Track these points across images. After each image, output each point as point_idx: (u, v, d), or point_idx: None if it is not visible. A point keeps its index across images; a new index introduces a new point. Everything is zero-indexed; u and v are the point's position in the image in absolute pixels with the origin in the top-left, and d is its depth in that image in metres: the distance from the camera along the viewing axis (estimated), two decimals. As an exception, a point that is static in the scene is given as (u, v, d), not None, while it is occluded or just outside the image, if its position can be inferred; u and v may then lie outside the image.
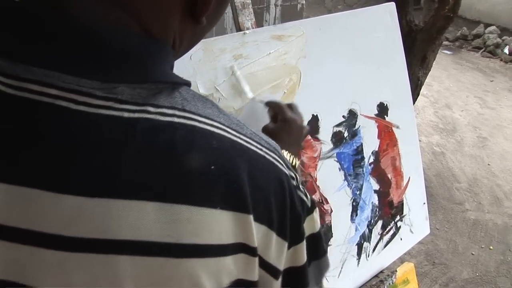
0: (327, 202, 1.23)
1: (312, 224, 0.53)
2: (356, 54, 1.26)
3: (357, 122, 1.29)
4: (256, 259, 0.45)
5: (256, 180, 0.44)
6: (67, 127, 0.37)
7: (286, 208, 0.47)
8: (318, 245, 0.55)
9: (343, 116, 1.25)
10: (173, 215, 0.39)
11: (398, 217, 1.49)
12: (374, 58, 1.32)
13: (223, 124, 0.44)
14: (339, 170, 1.26)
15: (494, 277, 2.77)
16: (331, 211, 1.24)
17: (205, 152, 0.41)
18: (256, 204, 0.43)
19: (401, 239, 1.51)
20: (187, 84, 0.46)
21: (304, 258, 0.51)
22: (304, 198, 0.51)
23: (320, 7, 7.07)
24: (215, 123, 0.43)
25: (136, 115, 0.39)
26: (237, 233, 0.42)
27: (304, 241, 0.50)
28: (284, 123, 0.89)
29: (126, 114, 0.38)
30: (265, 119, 0.95)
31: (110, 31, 0.40)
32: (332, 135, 1.22)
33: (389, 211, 1.45)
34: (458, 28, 7.07)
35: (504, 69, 6.22)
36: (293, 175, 0.50)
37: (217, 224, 0.41)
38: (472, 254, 2.95)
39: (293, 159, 0.83)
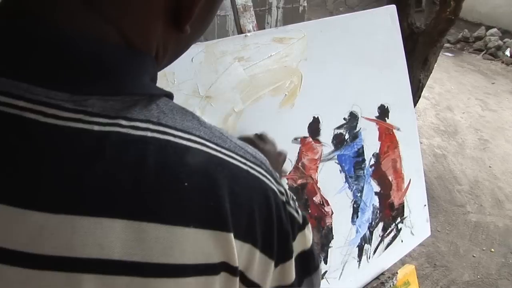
0: (328, 204, 1.23)
1: (303, 240, 0.51)
2: (357, 56, 1.27)
3: (358, 124, 1.29)
4: (237, 278, 0.43)
5: (237, 196, 0.42)
6: (35, 140, 0.36)
7: (273, 225, 0.45)
8: (310, 262, 0.53)
9: (344, 119, 1.25)
10: (141, 233, 0.37)
11: (399, 219, 1.49)
12: (375, 61, 1.32)
13: (203, 138, 0.42)
14: (340, 172, 1.26)
15: (495, 280, 2.77)
16: (332, 213, 1.25)
17: (178, 168, 0.39)
18: (238, 221, 0.41)
19: (402, 241, 1.51)
20: (168, 95, 0.44)
21: (292, 276, 0.49)
22: (295, 214, 0.49)
23: (321, 9, 7.08)
24: (192, 137, 0.41)
25: (107, 128, 0.37)
26: (216, 252, 0.40)
27: (293, 259, 0.49)
28: None
29: (96, 128, 0.37)
30: None
31: (82, 40, 0.38)
32: (333, 137, 1.22)
33: (390, 213, 1.45)
34: (459, 31, 7.07)
35: (505, 72, 6.22)
36: (282, 190, 0.48)
37: (191, 243, 0.39)
38: (473, 256, 2.95)
39: None
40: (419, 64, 3.12)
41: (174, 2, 0.42)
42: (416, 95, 3.10)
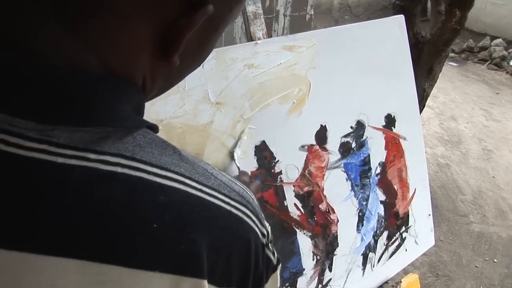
0: (334, 212, 1.24)
1: (274, 282, 0.49)
2: (365, 65, 1.28)
3: (364, 133, 1.30)
4: None
5: (215, 240, 0.39)
6: None
7: (250, 269, 0.43)
8: None
9: (351, 127, 1.26)
10: (99, 275, 0.34)
11: (403, 228, 1.49)
12: (382, 70, 1.33)
13: (181, 175, 0.39)
14: (346, 180, 1.27)
15: (498, 291, 2.76)
16: (338, 220, 1.25)
17: (147, 207, 0.36)
18: (213, 266, 0.39)
19: (406, 250, 1.51)
20: (151, 127, 0.41)
21: None
22: (271, 256, 0.47)
23: (327, 17, 7.09)
24: (169, 174, 0.38)
25: (73, 161, 0.34)
26: None
27: None
28: None
29: (60, 160, 0.34)
30: None
31: (52, 66, 0.35)
32: (340, 146, 1.23)
33: (395, 222, 1.45)
34: (464, 40, 7.08)
35: (510, 82, 6.21)
36: (265, 232, 0.46)
37: None
38: (476, 266, 2.94)
39: None
40: (423, 73, 3.13)
41: (161, 32, 0.39)
42: (421, 104, 3.10)
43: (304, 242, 1.18)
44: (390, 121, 1.37)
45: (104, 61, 0.37)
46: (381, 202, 1.39)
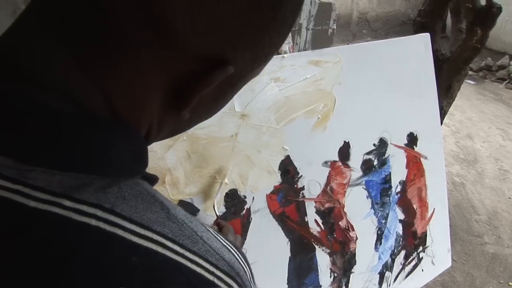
0: (353, 229, 1.23)
1: None
2: (389, 83, 1.27)
3: (387, 151, 1.29)
4: None
5: None
6: None
7: None
8: None
9: (374, 144, 1.25)
10: None
11: (421, 248, 1.48)
12: (406, 88, 1.33)
13: (163, 236, 0.35)
14: (367, 198, 1.25)
15: (511, 315, 2.71)
16: (356, 238, 1.24)
17: (117, 268, 0.32)
18: None
19: (422, 270, 1.49)
20: (149, 178, 0.39)
21: None
22: None
23: (345, 31, 7.10)
24: (149, 233, 0.34)
25: (45, 207, 0.31)
26: None
27: None
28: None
29: (32, 204, 0.31)
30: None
31: (43, 102, 0.33)
32: (362, 163, 1.22)
33: (413, 242, 1.44)
34: (482, 58, 7.04)
35: (528, 102, 6.16)
36: None
37: None
38: (490, 289, 2.90)
39: None
40: (442, 91, 3.10)
41: (175, 83, 0.37)
42: (439, 121, 3.08)
43: (323, 258, 1.17)
44: (412, 139, 1.36)
45: (110, 102, 0.35)
46: (400, 221, 1.37)
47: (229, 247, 0.41)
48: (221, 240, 0.41)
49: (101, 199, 0.33)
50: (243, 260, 0.43)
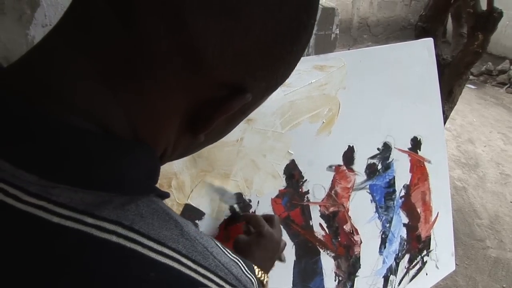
0: (357, 233, 1.23)
1: None
2: (393, 87, 1.28)
3: (391, 155, 1.29)
4: None
5: None
6: None
7: None
8: None
9: (378, 149, 1.26)
10: None
11: (425, 252, 1.48)
12: (410, 93, 1.33)
13: (178, 252, 0.37)
14: (371, 202, 1.26)
15: (514, 319, 2.71)
16: (361, 242, 1.24)
17: (136, 283, 0.34)
18: None
19: (426, 274, 1.49)
20: (162, 195, 0.41)
21: None
22: None
23: (346, 36, 7.12)
24: (165, 250, 0.36)
25: (68, 223, 0.32)
26: None
27: None
28: (258, 238, 0.83)
29: (55, 219, 0.32)
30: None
31: (68, 123, 0.34)
32: (366, 167, 1.23)
33: (417, 245, 1.44)
34: (483, 63, 7.05)
35: (528, 107, 6.17)
36: None
37: None
38: (492, 293, 2.89)
39: (262, 275, 0.74)
40: (443, 95, 3.09)
41: (195, 107, 0.39)
42: (440, 126, 3.08)
43: (327, 262, 1.17)
44: (416, 143, 1.37)
45: (132, 125, 0.37)
46: (404, 224, 1.38)
47: (236, 261, 0.44)
48: (228, 254, 0.43)
49: (121, 217, 0.35)
50: (249, 273, 0.45)
